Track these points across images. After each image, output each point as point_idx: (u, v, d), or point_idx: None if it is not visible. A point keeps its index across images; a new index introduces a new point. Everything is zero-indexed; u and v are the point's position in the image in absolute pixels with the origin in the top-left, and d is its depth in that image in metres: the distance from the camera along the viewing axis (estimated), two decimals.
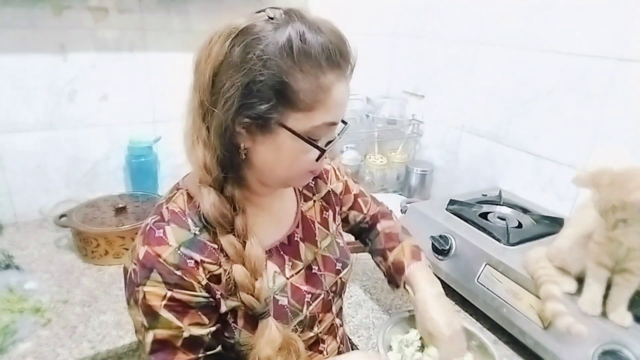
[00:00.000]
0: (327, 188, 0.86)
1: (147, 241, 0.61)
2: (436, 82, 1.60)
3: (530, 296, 0.89)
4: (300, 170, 0.65)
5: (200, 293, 0.61)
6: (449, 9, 1.50)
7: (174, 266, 0.59)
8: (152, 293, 0.59)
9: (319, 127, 0.60)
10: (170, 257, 0.60)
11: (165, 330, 0.60)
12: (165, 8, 1.32)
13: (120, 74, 1.33)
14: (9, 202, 1.30)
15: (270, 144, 0.61)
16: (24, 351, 0.84)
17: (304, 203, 0.81)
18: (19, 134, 1.26)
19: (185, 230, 0.63)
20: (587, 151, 1.13)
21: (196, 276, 0.61)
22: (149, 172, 1.42)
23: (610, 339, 0.75)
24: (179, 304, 0.60)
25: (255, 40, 0.56)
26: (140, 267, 0.60)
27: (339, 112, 0.62)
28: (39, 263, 1.12)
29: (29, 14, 1.18)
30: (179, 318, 0.60)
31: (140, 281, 0.59)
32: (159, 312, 0.59)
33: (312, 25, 0.57)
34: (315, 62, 0.57)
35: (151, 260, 0.59)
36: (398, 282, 0.88)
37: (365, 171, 1.69)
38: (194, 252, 0.61)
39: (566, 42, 1.15)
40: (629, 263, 0.77)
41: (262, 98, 0.57)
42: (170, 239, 0.61)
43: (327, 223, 0.83)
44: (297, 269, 0.74)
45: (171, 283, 0.59)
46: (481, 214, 1.17)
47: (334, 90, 0.59)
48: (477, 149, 1.47)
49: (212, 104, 0.59)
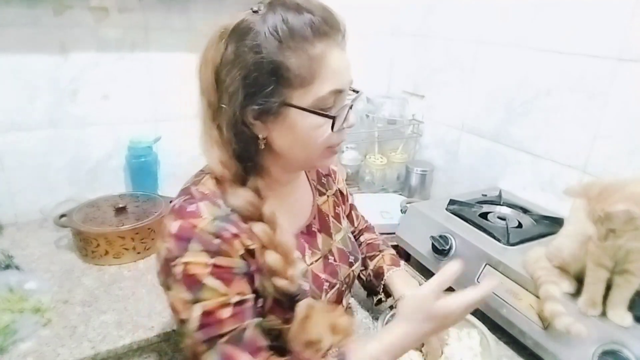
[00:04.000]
0: (336, 187, 0.91)
1: (180, 216, 0.61)
2: (436, 82, 1.60)
3: (530, 296, 0.89)
4: (319, 147, 0.66)
5: (239, 260, 0.62)
6: (449, 9, 1.50)
7: (212, 235, 0.59)
8: (193, 263, 0.58)
9: (324, 98, 0.61)
10: (208, 226, 0.60)
11: (212, 300, 0.59)
12: (167, 7, 1.32)
13: (121, 73, 1.33)
14: (9, 201, 1.30)
15: (283, 127, 0.63)
16: (24, 351, 0.84)
17: (319, 197, 0.84)
18: (20, 134, 1.26)
19: (218, 207, 0.63)
20: (587, 151, 1.13)
21: (234, 246, 0.61)
22: (149, 172, 1.42)
23: (610, 339, 0.75)
24: (223, 270, 0.60)
25: (244, 34, 0.60)
26: (176, 240, 0.59)
27: (339, 78, 0.62)
28: (39, 263, 1.12)
29: (30, 13, 1.18)
30: (226, 284, 0.60)
31: (178, 253, 0.59)
32: (202, 281, 0.58)
33: (293, 6, 0.60)
34: (301, 37, 0.59)
35: (188, 230, 0.59)
36: (377, 287, 0.93)
37: (365, 171, 1.69)
38: (230, 225, 0.62)
39: (566, 42, 1.15)
40: (629, 264, 0.77)
41: (262, 84, 0.60)
42: (204, 213, 0.61)
43: (340, 218, 0.88)
44: (316, 257, 0.77)
45: (212, 250, 0.59)
46: (481, 214, 1.17)
47: (328, 58, 0.60)
48: (477, 149, 1.47)
49: (219, 101, 0.62)
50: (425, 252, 1.13)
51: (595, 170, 1.12)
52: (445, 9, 1.51)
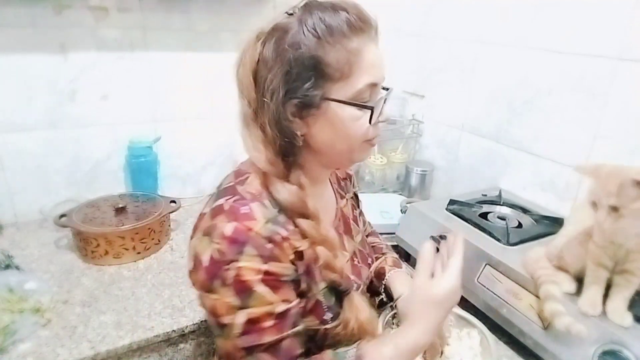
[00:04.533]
0: (353, 190, 0.94)
1: (233, 217, 0.61)
2: (436, 82, 1.60)
3: (530, 296, 0.89)
4: (358, 140, 0.67)
5: (289, 266, 0.63)
6: (449, 9, 1.50)
7: (266, 239, 0.60)
8: (247, 268, 0.58)
9: (362, 91, 0.64)
10: (262, 229, 0.60)
11: (258, 308, 0.59)
12: (166, 7, 1.32)
13: (120, 73, 1.33)
14: (9, 202, 1.30)
15: (322, 121, 0.65)
16: (24, 351, 0.84)
17: (340, 200, 0.86)
18: (19, 134, 1.26)
19: (267, 209, 0.64)
20: (587, 151, 1.13)
21: (285, 250, 0.62)
22: (149, 172, 1.42)
23: (610, 339, 0.75)
24: (273, 277, 0.61)
25: (283, 33, 0.62)
26: (230, 243, 0.59)
27: (375, 72, 0.65)
28: (39, 263, 1.12)
29: (29, 13, 1.18)
30: (274, 291, 0.60)
31: (233, 257, 0.59)
32: (253, 288, 0.59)
33: (328, 6, 0.63)
34: (338, 33, 0.62)
35: (243, 233, 0.59)
36: (378, 288, 0.94)
37: (365, 171, 1.68)
38: (280, 227, 0.63)
39: (566, 42, 1.15)
40: (629, 264, 0.77)
41: (302, 79, 0.62)
42: (257, 215, 0.62)
43: (357, 220, 0.90)
44: (345, 259, 0.78)
45: (266, 256, 0.60)
46: (481, 214, 1.17)
47: (364, 52, 0.63)
48: (477, 149, 1.47)
49: (261, 100, 0.64)
50: None
51: None
52: (446, 8, 1.51)
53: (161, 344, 0.93)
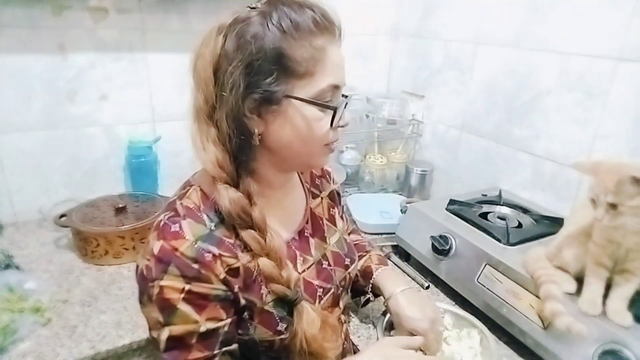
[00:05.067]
0: (331, 187, 0.89)
1: (162, 236, 0.60)
2: (436, 82, 1.60)
3: (530, 296, 0.89)
4: (317, 143, 0.65)
5: (218, 286, 0.61)
6: (449, 9, 1.50)
7: (192, 259, 0.59)
8: (169, 287, 0.58)
9: (324, 91, 0.62)
10: (188, 250, 0.59)
11: (182, 326, 0.59)
12: (165, 8, 1.32)
13: (119, 74, 1.33)
14: (8, 201, 1.30)
15: (282, 119, 0.63)
16: (23, 351, 0.84)
17: (312, 200, 0.83)
18: (18, 134, 1.26)
19: (202, 225, 0.62)
20: (587, 151, 1.13)
21: (214, 270, 0.60)
22: (148, 172, 1.42)
23: (610, 339, 0.75)
24: (197, 296, 0.59)
25: (245, 26, 0.60)
26: (156, 262, 0.59)
27: (339, 73, 0.64)
28: (38, 263, 1.12)
29: (28, 14, 1.18)
30: (197, 311, 0.59)
31: (156, 276, 0.58)
32: (176, 306, 0.58)
33: (293, 3, 0.61)
34: (305, 29, 0.60)
35: (168, 254, 0.59)
36: (365, 287, 0.92)
37: (365, 171, 1.69)
38: (211, 245, 0.61)
39: (566, 42, 1.15)
40: (628, 264, 0.77)
41: (264, 73, 0.60)
42: (187, 233, 0.60)
43: (334, 220, 0.85)
44: (308, 264, 0.75)
45: (189, 276, 0.58)
46: (481, 214, 1.17)
47: (329, 51, 0.62)
48: (477, 149, 1.47)
49: (219, 94, 0.61)
50: (425, 252, 1.13)
51: None
52: (445, 9, 1.51)
53: None
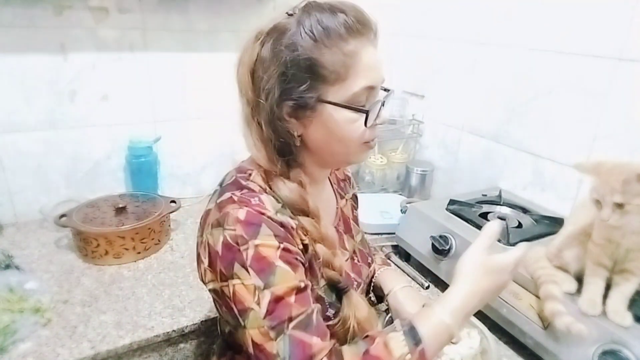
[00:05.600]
0: (352, 191, 0.94)
1: (245, 204, 0.62)
2: (436, 82, 1.60)
3: (530, 296, 0.89)
4: (355, 142, 0.67)
5: (301, 252, 0.64)
6: (449, 9, 1.50)
7: (279, 223, 0.62)
8: (265, 245, 0.59)
9: (358, 94, 0.64)
10: (274, 216, 0.62)
11: (283, 284, 0.59)
12: (166, 8, 1.32)
13: (120, 74, 1.33)
14: (9, 202, 1.30)
15: (318, 123, 0.65)
16: (24, 351, 0.84)
17: (340, 200, 0.87)
18: (19, 134, 1.26)
19: (275, 202, 0.65)
20: (587, 151, 1.13)
21: (294, 238, 0.64)
22: (149, 172, 1.42)
23: (610, 339, 0.75)
24: (291, 254, 0.61)
25: (281, 34, 0.62)
26: (245, 226, 0.60)
27: (373, 74, 0.65)
28: (39, 263, 1.12)
29: (29, 13, 1.18)
30: (293, 269, 0.61)
31: (249, 237, 0.59)
32: (275, 263, 0.59)
33: (327, 8, 0.63)
34: (335, 35, 0.61)
35: (257, 217, 0.61)
36: (368, 288, 0.94)
37: (365, 171, 1.69)
38: (288, 218, 0.65)
39: (566, 42, 1.15)
40: (628, 263, 0.77)
41: (297, 81, 0.62)
42: (267, 205, 0.63)
43: (357, 220, 0.91)
44: (345, 257, 0.79)
45: (281, 236, 0.61)
46: (481, 214, 1.17)
47: (362, 54, 0.63)
48: (477, 149, 1.47)
49: (256, 99, 0.64)
50: (425, 252, 1.13)
51: None
52: (445, 9, 1.51)
53: (161, 343, 0.93)
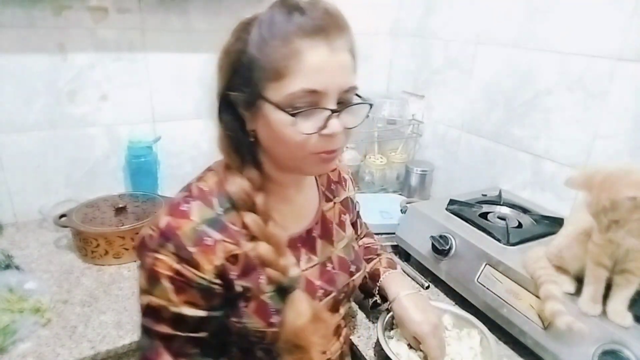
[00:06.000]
0: (346, 194, 0.90)
1: (171, 212, 0.64)
2: (436, 82, 1.60)
3: (530, 296, 0.89)
4: (298, 150, 0.63)
5: (204, 275, 0.62)
6: (449, 9, 1.50)
7: (190, 241, 0.61)
8: (162, 261, 0.61)
9: (296, 95, 0.59)
10: (189, 231, 0.62)
11: (159, 300, 0.62)
12: (165, 8, 1.32)
13: (119, 73, 1.33)
14: (8, 202, 1.30)
15: (262, 120, 0.63)
16: (23, 351, 0.84)
17: (325, 203, 0.83)
18: (18, 134, 1.26)
19: (210, 209, 0.65)
20: (587, 151, 1.13)
21: (210, 255, 0.62)
22: (148, 172, 1.42)
23: (610, 339, 0.75)
24: (182, 279, 0.62)
25: (240, 26, 0.62)
26: (159, 235, 0.62)
27: (318, 78, 0.59)
28: (38, 263, 1.12)
29: (28, 14, 1.18)
30: (175, 292, 0.62)
31: (155, 248, 0.62)
32: (160, 280, 0.62)
33: (288, 6, 0.60)
34: (280, 32, 0.59)
35: (171, 230, 0.62)
36: (372, 289, 0.93)
37: (365, 171, 1.69)
38: (214, 230, 0.63)
39: (566, 42, 1.15)
40: (629, 264, 0.77)
41: (240, 75, 0.61)
42: (193, 214, 0.63)
43: (344, 226, 0.86)
44: (312, 263, 0.76)
45: (182, 257, 0.61)
46: (481, 214, 1.17)
47: (307, 55, 0.58)
48: (477, 149, 1.47)
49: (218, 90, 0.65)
50: (425, 252, 1.13)
51: None
52: (445, 8, 1.51)
53: None
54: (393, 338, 0.88)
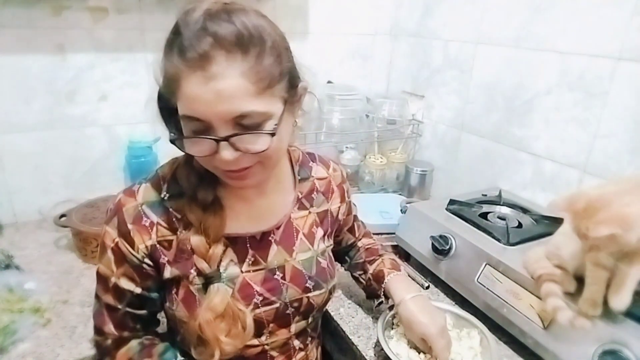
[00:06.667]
0: (327, 207, 0.86)
1: (125, 191, 0.71)
2: (436, 82, 1.60)
3: (530, 296, 0.88)
4: (206, 165, 0.66)
5: (136, 254, 0.68)
6: (449, 9, 1.50)
7: (130, 218, 0.68)
8: (108, 233, 0.69)
9: (184, 119, 0.60)
10: (130, 209, 0.69)
11: (105, 268, 0.70)
12: (164, 8, 1.32)
13: (119, 74, 1.33)
14: (8, 202, 1.29)
15: None
16: (23, 351, 0.84)
17: (297, 211, 0.80)
18: (18, 134, 1.26)
19: (156, 192, 0.71)
20: (587, 151, 1.13)
21: (143, 235, 0.68)
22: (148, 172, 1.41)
23: (610, 339, 0.75)
24: (119, 252, 0.68)
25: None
26: (110, 210, 0.70)
27: (196, 107, 0.57)
28: (38, 263, 1.12)
29: (28, 14, 1.18)
30: (115, 263, 0.69)
31: (106, 220, 0.70)
32: (106, 250, 0.69)
33: (185, 22, 0.57)
34: (168, 50, 0.58)
35: (118, 206, 0.69)
36: (378, 291, 0.92)
37: (365, 171, 1.69)
38: (153, 213, 0.69)
39: (566, 42, 1.15)
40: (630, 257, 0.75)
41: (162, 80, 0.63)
42: (138, 195, 0.70)
43: (313, 239, 0.82)
44: (256, 267, 0.74)
45: (122, 232, 0.68)
46: (481, 214, 1.17)
47: (183, 82, 0.56)
48: (477, 149, 1.47)
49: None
50: (425, 252, 1.13)
51: (595, 170, 1.12)
52: (445, 9, 1.51)
53: None
54: (393, 338, 0.88)
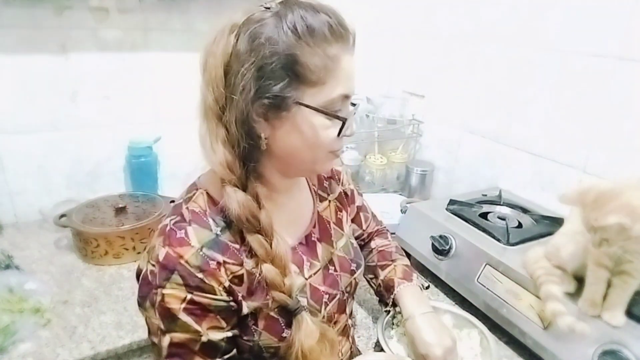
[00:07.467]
0: (340, 189, 0.87)
1: (168, 242, 0.60)
2: (436, 82, 1.60)
3: (530, 296, 0.89)
4: (322, 150, 0.64)
5: (220, 296, 0.60)
6: (449, 8, 1.50)
7: (196, 268, 0.58)
8: (171, 295, 0.58)
9: (334, 100, 0.61)
10: (192, 258, 0.58)
11: (183, 334, 0.59)
12: (167, 8, 1.32)
13: (121, 74, 1.33)
14: (9, 202, 1.30)
15: (290, 126, 0.61)
16: (24, 351, 0.84)
17: (320, 203, 0.81)
18: (20, 135, 1.26)
19: (207, 230, 0.62)
20: (587, 151, 1.13)
21: (218, 278, 0.60)
22: (149, 172, 1.42)
23: (610, 339, 0.75)
24: (198, 307, 0.59)
25: (259, 27, 0.58)
26: (161, 269, 0.59)
27: (350, 83, 0.62)
28: (39, 263, 1.12)
29: (30, 14, 1.18)
30: (197, 322, 0.59)
31: (160, 283, 0.58)
32: (177, 315, 0.58)
33: (309, 6, 0.59)
34: (320, 36, 0.58)
35: (173, 261, 0.58)
36: (387, 299, 0.91)
37: (365, 171, 1.68)
38: (216, 252, 0.61)
39: (566, 41, 1.15)
40: (626, 265, 0.76)
41: (275, 78, 0.58)
42: (192, 240, 0.60)
43: (342, 223, 0.84)
44: (315, 269, 0.74)
45: (192, 285, 0.58)
46: (481, 214, 1.17)
47: (342, 60, 0.60)
48: (477, 149, 1.47)
49: (229, 96, 0.60)
50: (425, 252, 1.13)
51: (595, 170, 1.12)
52: (445, 8, 1.51)
53: None
54: (393, 338, 0.88)
